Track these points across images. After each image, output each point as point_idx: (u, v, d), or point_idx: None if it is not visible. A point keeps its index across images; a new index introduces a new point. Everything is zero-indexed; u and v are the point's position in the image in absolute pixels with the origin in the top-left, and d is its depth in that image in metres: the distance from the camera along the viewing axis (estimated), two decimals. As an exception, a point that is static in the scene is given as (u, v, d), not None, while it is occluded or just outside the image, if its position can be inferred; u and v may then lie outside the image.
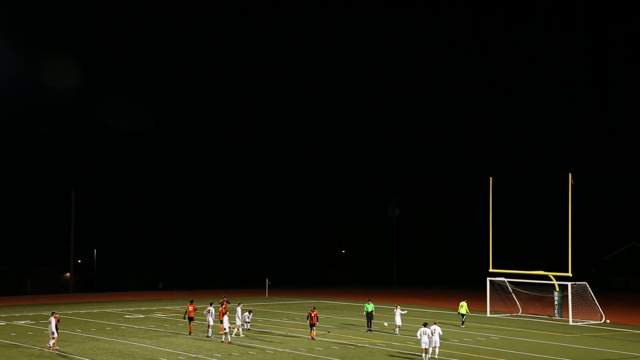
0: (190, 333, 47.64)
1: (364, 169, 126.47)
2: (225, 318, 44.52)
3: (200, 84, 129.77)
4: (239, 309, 47.78)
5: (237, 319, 47.54)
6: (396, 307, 49.76)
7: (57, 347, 42.05)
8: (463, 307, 53.71)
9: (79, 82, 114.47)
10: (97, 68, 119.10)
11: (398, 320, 48.65)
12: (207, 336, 46.51)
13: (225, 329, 44.24)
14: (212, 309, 47.37)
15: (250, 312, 50.88)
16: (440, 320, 43.07)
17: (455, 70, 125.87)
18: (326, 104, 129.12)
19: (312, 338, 45.12)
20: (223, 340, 44.32)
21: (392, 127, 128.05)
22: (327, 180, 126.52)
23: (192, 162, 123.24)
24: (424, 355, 38.16)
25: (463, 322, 53.82)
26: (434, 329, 38.80)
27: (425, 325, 39.05)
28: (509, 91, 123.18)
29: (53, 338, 41.90)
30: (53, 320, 41.96)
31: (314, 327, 45.65)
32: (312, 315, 45.40)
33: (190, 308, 47.57)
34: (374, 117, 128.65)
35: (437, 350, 39.09)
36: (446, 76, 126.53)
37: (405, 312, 50.68)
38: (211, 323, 46.78)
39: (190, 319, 47.63)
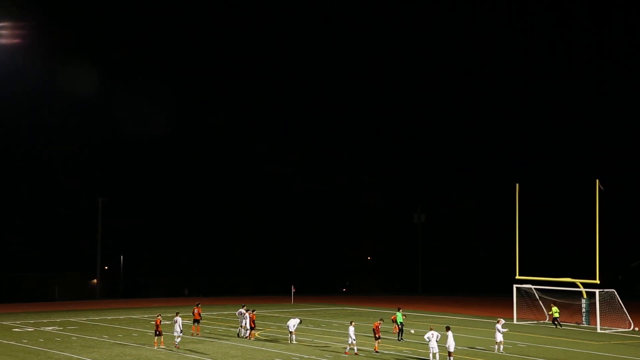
0: (197, 334, 50.27)
1: (390, 175, 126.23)
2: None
3: (220, 88, 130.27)
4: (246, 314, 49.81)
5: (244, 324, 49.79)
6: (498, 321, 44.74)
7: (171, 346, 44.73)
8: (557, 312, 57.96)
9: (101, 88, 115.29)
10: (117, 74, 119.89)
11: (499, 337, 43.79)
12: (238, 335, 49.25)
13: (351, 342, 42.32)
14: (243, 310, 49.84)
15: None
16: (467, 327, 42.90)
17: (481, 75, 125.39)
18: (353, 109, 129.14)
19: (375, 351, 43.32)
20: (347, 351, 42.42)
21: (419, 134, 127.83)
22: (353, 187, 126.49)
23: (217, 168, 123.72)
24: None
25: (558, 324, 57.52)
26: (433, 334, 39.70)
27: (431, 329, 40.44)
28: (536, 97, 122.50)
29: (179, 337, 44.64)
30: (179, 319, 45.01)
31: (378, 340, 43.65)
32: (378, 327, 43.59)
33: (196, 311, 50.81)
34: (400, 124, 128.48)
35: (437, 355, 39.37)
36: (472, 82, 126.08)
37: (507, 330, 45.83)
38: (242, 324, 49.59)
39: (196, 321, 50.67)
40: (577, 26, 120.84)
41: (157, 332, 45.09)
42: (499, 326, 43.92)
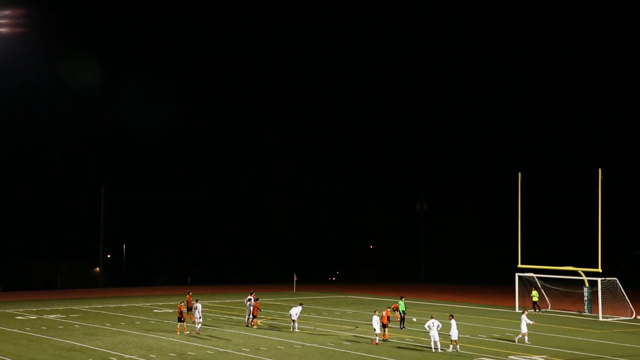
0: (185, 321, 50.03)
1: (392, 164, 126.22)
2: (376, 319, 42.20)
3: (220, 81, 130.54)
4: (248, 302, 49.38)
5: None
6: (523, 311, 44.99)
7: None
8: (535, 296, 59.88)
9: (101, 80, 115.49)
10: (118, 66, 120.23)
11: (524, 328, 42.88)
12: (246, 326, 48.70)
13: (376, 331, 41.88)
14: (252, 297, 49.31)
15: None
16: (470, 315, 42.85)
17: (483, 63, 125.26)
18: (356, 99, 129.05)
19: (385, 339, 42.94)
20: (375, 341, 41.96)
21: (421, 123, 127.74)
22: (355, 176, 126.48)
23: (219, 158, 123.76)
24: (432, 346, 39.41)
25: (537, 309, 59.06)
26: (434, 322, 39.51)
27: (432, 317, 40.25)
28: (539, 85, 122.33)
29: (199, 323, 45.37)
30: (199, 306, 45.54)
31: (386, 328, 43.23)
32: (384, 315, 43.30)
33: (189, 299, 50.66)
34: (403, 113, 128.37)
35: (438, 343, 39.34)
36: (474, 69, 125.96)
37: (533, 322, 44.99)
38: (248, 313, 49.40)
39: (189, 309, 49.91)
40: (580, 13, 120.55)
41: (181, 319, 45.87)
42: (524, 317, 43.23)
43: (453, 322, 39.64)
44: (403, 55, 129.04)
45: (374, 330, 41.95)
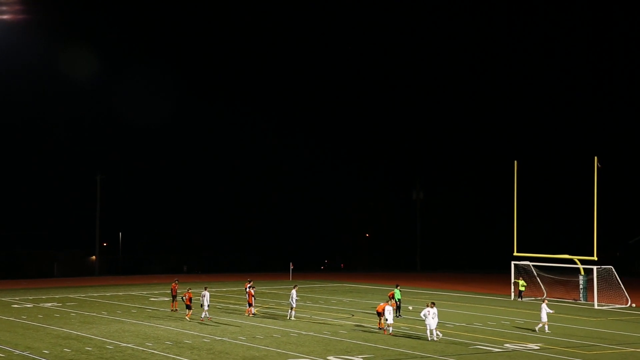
0: (174, 310, 50.92)
1: (388, 153, 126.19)
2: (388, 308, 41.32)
3: (218, 73, 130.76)
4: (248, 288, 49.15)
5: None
6: (543, 301, 44.57)
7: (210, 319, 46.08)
8: (522, 285, 60.48)
9: (100, 69, 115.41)
10: (117, 57, 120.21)
11: (544, 317, 42.74)
12: (252, 314, 48.62)
13: (388, 321, 41.25)
14: (247, 285, 49.54)
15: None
16: (466, 304, 42.83)
17: (479, 52, 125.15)
18: (352, 88, 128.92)
19: (380, 327, 42.61)
20: (387, 331, 41.53)
21: (417, 111, 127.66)
22: (352, 164, 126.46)
23: (216, 147, 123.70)
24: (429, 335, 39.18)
25: (521, 298, 59.80)
26: (429, 311, 39.28)
27: (428, 305, 39.84)
28: (534, 74, 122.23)
29: (205, 310, 45.88)
30: (207, 294, 46.05)
31: (382, 317, 42.39)
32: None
33: (175, 287, 51.48)
34: (399, 101, 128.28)
35: (434, 332, 39.32)
36: (469, 58, 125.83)
37: (552, 311, 44.54)
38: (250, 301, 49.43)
39: (174, 297, 51.15)
40: (577, 3, 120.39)
41: (188, 305, 46.68)
42: (544, 305, 42.96)
43: (434, 310, 39.51)
44: (399, 44, 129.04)
45: (386, 320, 41.50)
